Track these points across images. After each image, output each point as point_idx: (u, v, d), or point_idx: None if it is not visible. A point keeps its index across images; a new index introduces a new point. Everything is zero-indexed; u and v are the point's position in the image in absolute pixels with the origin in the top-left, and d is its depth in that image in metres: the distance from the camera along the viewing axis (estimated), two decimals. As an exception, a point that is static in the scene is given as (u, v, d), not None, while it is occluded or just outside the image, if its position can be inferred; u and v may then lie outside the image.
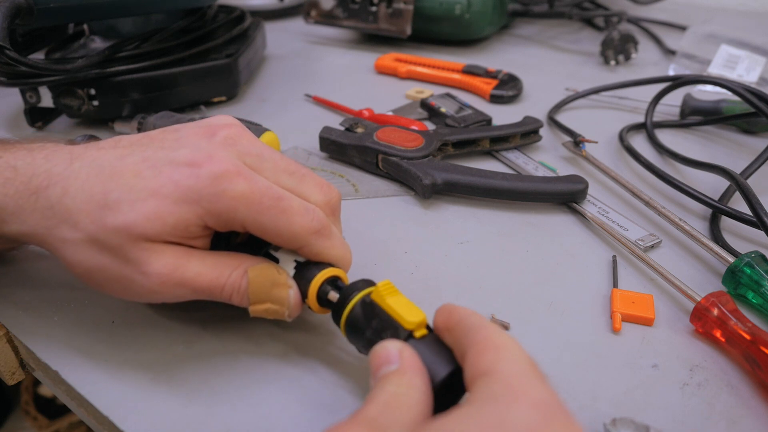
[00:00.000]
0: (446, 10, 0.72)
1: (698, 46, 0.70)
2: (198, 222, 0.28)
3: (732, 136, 0.55)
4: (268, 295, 0.29)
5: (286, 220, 0.28)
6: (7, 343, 0.33)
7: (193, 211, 0.27)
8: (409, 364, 0.24)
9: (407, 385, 0.23)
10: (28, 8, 0.46)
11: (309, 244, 0.29)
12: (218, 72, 0.57)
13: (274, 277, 0.29)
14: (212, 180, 0.27)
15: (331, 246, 0.30)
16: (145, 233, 0.27)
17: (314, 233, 0.29)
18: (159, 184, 0.27)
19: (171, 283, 0.28)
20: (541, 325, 0.34)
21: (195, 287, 0.28)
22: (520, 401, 0.20)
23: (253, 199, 0.28)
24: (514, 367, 0.22)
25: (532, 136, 0.51)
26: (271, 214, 0.28)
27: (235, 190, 0.27)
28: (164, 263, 0.28)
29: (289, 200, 0.28)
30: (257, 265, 0.29)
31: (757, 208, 0.38)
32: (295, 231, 0.28)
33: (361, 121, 0.51)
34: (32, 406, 1.01)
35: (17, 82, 0.49)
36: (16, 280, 0.36)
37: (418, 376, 0.24)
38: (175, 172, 0.28)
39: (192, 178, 0.27)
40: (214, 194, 0.27)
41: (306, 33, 0.84)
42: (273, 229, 0.28)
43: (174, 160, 0.28)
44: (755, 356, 0.30)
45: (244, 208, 0.28)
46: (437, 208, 0.44)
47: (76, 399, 0.30)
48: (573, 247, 0.40)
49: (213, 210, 0.27)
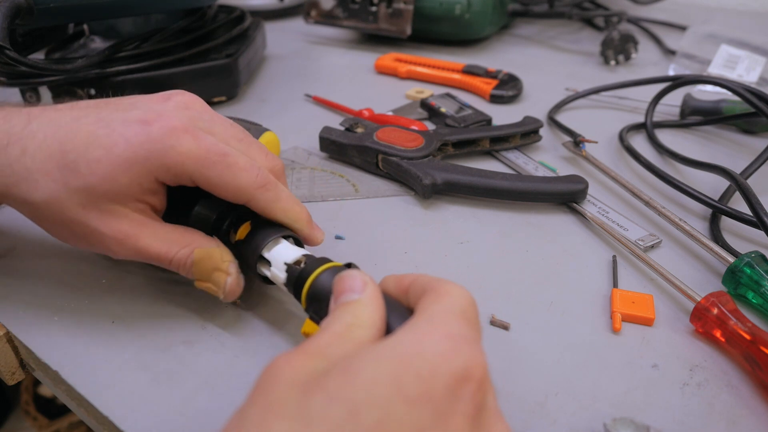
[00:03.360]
0: (446, 10, 0.72)
1: (698, 46, 0.70)
2: (149, 177, 0.30)
3: (732, 136, 0.55)
4: (209, 277, 0.31)
5: (232, 174, 0.30)
6: (7, 343, 0.33)
7: (144, 167, 0.29)
8: (371, 298, 0.25)
9: (364, 317, 0.24)
10: (28, 8, 0.46)
11: (255, 198, 0.31)
12: (218, 72, 0.57)
13: (216, 263, 0.31)
14: (161, 136, 0.29)
15: (277, 198, 0.32)
16: (104, 194, 0.29)
17: (260, 187, 0.31)
18: (112, 142, 0.29)
19: (124, 248, 0.30)
20: (541, 325, 0.34)
21: (145, 256, 0.31)
22: (435, 333, 0.22)
23: (200, 155, 0.29)
24: (445, 308, 0.23)
25: (532, 136, 0.51)
26: (217, 169, 0.30)
27: (182, 146, 0.29)
28: (118, 229, 0.30)
29: (234, 156, 0.30)
30: (204, 248, 0.31)
31: (757, 208, 0.38)
32: (240, 185, 0.30)
33: (361, 121, 0.51)
34: (32, 406, 1.01)
35: (17, 82, 0.49)
36: (16, 280, 0.36)
37: (376, 310, 0.24)
38: (127, 129, 0.29)
39: (142, 135, 0.29)
40: (162, 149, 0.29)
41: (306, 33, 0.84)
42: (220, 183, 0.30)
43: (127, 119, 0.30)
44: (755, 356, 0.30)
45: (192, 163, 0.29)
46: (437, 208, 0.44)
47: (76, 399, 0.30)
48: (573, 247, 0.40)
49: (162, 165, 0.29)
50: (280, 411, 0.20)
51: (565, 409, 0.29)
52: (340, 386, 0.20)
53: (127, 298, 0.35)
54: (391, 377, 0.20)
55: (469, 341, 0.22)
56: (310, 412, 0.19)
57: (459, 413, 0.20)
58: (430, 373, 0.20)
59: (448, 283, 0.25)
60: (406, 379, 0.20)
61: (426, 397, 0.20)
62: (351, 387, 0.20)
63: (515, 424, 0.28)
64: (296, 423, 0.19)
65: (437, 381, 0.20)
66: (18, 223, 0.40)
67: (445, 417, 0.20)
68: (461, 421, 0.20)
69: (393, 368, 0.20)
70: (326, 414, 0.19)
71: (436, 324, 0.23)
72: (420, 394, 0.20)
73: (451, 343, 0.22)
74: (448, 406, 0.20)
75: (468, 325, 0.23)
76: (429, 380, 0.20)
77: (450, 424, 0.20)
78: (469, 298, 0.25)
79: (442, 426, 0.20)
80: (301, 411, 0.19)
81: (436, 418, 0.20)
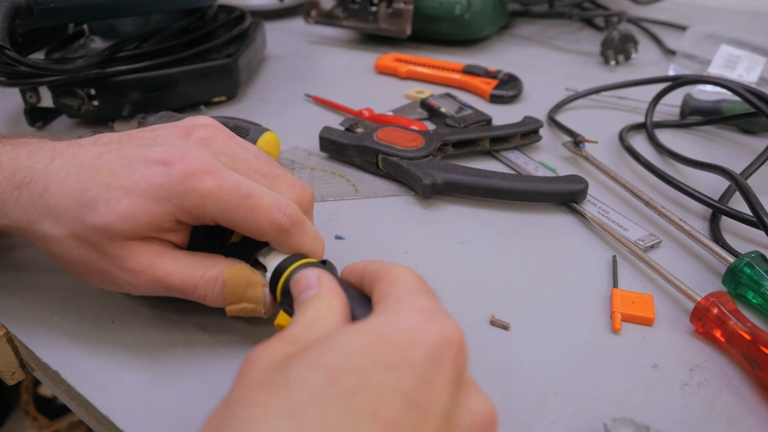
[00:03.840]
0: (446, 10, 0.72)
1: (698, 46, 0.70)
2: (170, 218, 0.29)
3: (732, 136, 0.55)
4: (243, 295, 0.30)
5: (254, 217, 0.29)
6: (7, 343, 0.33)
7: (164, 208, 0.29)
8: (328, 289, 0.26)
9: (325, 308, 0.25)
10: (28, 8, 0.46)
11: (278, 240, 0.30)
12: (218, 72, 0.57)
13: (249, 277, 0.30)
14: (182, 178, 0.28)
15: (300, 243, 0.31)
16: (122, 232, 0.28)
17: (282, 231, 0.30)
18: (133, 182, 0.29)
19: (145, 279, 0.29)
20: (541, 325, 0.34)
21: (167, 285, 0.30)
22: (406, 310, 0.23)
23: (221, 197, 0.29)
24: (405, 288, 0.25)
25: (532, 136, 0.51)
26: (239, 212, 0.29)
27: (203, 188, 0.28)
28: (139, 261, 0.29)
29: (258, 197, 0.29)
30: (232, 267, 0.30)
31: (757, 208, 0.38)
32: (262, 227, 0.30)
33: (361, 121, 0.51)
34: (32, 406, 1.01)
35: (17, 82, 0.49)
36: (16, 280, 0.36)
37: (335, 298, 0.26)
38: (148, 170, 0.29)
39: (163, 176, 0.28)
40: (183, 191, 0.28)
41: (306, 33, 0.84)
42: (242, 225, 0.30)
43: (148, 158, 0.29)
44: (755, 356, 0.30)
45: (212, 205, 0.29)
46: (437, 208, 0.44)
47: (76, 399, 0.30)
48: (573, 247, 0.40)
49: (183, 206, 0.29)
50: (261, 383, 0.20)
51: (565, 409, 0.29)
52: (320, 354, 0.21)
53: (127, 298, 0.35)
54: (369, 349, 0.21)
55: (440, 312, 0.23)
56: (290, 380, 0.20)
57: (442, 376, 0.21)
58: (408, 343, 0.21)
59: (394, 266, 0.26)
60: (383, 350, 0.21)
61: (405, 364, 0.21)
62: (330, 354, 0.21)
63: (515, 423, 0.28)
64: (277, 389, 0.20)
65: (416, 350, 0.21)
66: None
67: (427, 381, 0.21)
68: (444, 385, 0.21)
69: (370, 341, 0.21)
70: (306, 379, 0.20)
71: (405, 303, 0.24)
72: (398, 361, 0.21)
73: (425, 316, 0.23)
74: (430, 370, 0.21)
75: (432, 299, 0.24)
76: (407, 350, 0.21)
77: (433, 389, 0.21)
78: (417, 275, 0.26)
79: (425, 389, 0.20)
80: (282, 379, 0.20)
81: (418, 383, 0.20)
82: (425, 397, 0.20)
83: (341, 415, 0.19)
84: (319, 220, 0.42)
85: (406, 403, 0.20)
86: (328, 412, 0.19)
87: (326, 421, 0.19)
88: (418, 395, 0.20)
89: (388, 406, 0.20)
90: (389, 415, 0.19)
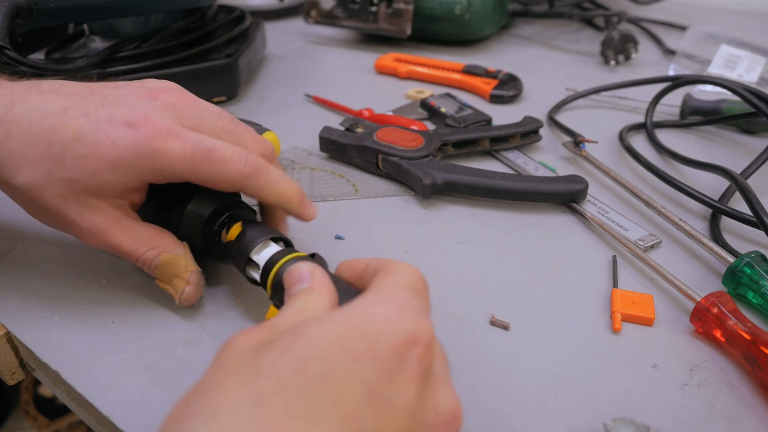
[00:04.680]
0: (446, 10, 0.72)
1: (698, 46, 0.70)
2: (136, 178, 0.31)
3: (732, 136, 0.55)
4: (169, 281, 0.33)
5: (220, 168, 0.31)
6: (7, 343, 0.33)
7: (131, 170, 0.30)
8: (319, 283, 0.27)
9: (314, 302, 0.25)
10: (28, 8, 0.46)
11: (246, 186, 0.32)
12: (218, 72, 0.57)
13: (179, 270, 0.32)
14: (147, 141, 0.30)
15: (268, 183, 0.32)
16: (87, 188, 0.30)
17: (249, 175, 0.31)
18: (98, 142, 0.30)
19: (97, 241, 0.31)
20: (541, 325, 0.34)
21: (117, 251, 0.32)
22: (384, 301, 0.23)
23: (186, 155, 0.30)
24: (394, 281, 0.25)
25: (532, 136, 0.51)
26: (204, 165, 0.30)
27: (168, 149, 0.30)
28: (94, 223, 0.31)
29: (220, 150, 0.31)
30: (171, 254, 0.32)
31: (757, 208, 0.38)
32: (229, 176, 0.31)
33: (361, 121, 0.51)
34: (32, 406, 1.01)
35: (17, 82, 0.49)
36: (16, 280, 0.36)
37: (325, 293, 0.26)
38: (113, 130, 0.30)
39: (129, 138, 0.30)
40: (148, 154, 0.30)
41: (306, 33, 0.84)
42: (209, 177, 0.31)
43: (113, 119, 0.30)
44: (755, 356, 0.30)
45: (179, 164, 0.30)
46: (437, 208, 0.44)
47: (76, 399, 0.30)
48: (573, 247, 0.40)
49: (150, 168, 0.30)
50: (231, 369, 0.21)
51: (565, 409, 0.29)
52: (289, 344, 0.21)
53: (127, 298, 0.35)
54: (338, 337, 0.21)
55: (417, 309, 0.23)
56: (259, 367, 0.20)
57: (405, 373, 0.21)
58: (376, 335, 0.21)
59: (397, 262, 0.27)
60: (352, 338, 0.21)
61: (371, 355, 0.21)
62: (299, 344, 0.21)
63: (515, 423, 0.28)
64: (246, 377, 0.20)
65: (383, 342, 0.21)
66: (18, 222, 0.40)
67: (391, 376, 0.21)
68: (407, 381, 0.21)
69: (340, 329, 0.22)
70: (274, 368, 0.20)
71: (385, 295, 0.24)
72: (364, 352, 0.21)
73: (398, 310, 0.23)
74: (395, 366, 0.21)
75: (416, 296, 0.25)
76: (374, 341, 0.21)
77: (396, 383, 0.21)
78: (417, 273, 0.26)
79: (388, 384, 0.21)
80: (252, 367, 0.21)
81: (382, 376, 0.21)
82: (388, 390, 0.21)
83: (304, 404, 0.19)
84: (319, 220, 0.42)
85: (368, 394, 0.20)
86: (292, 401, 0.19)
87: (289, 410, 0.19)
88: (381, 388, 0.20)
89: (350, 396, 0.20)
90: (351, 405, 0.20)
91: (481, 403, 0.29)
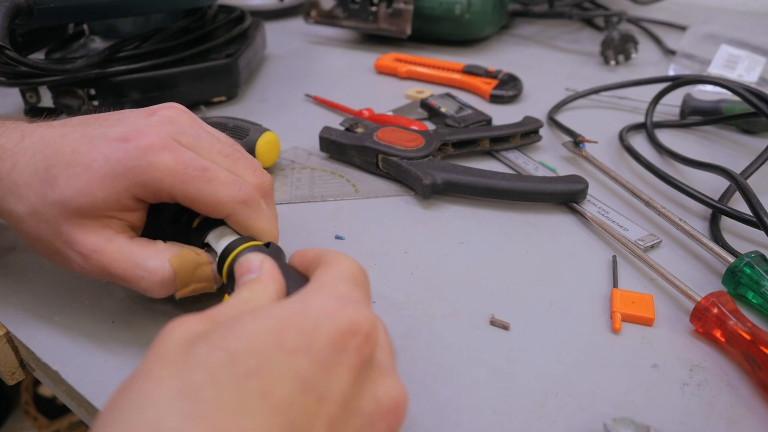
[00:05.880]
0: (446, 10, 0.72)
1: (698, 46, 0.70)
2: (127, 194, 0.29)
3: (732, 136, 0.55)
4: (192, 278, 0.30)
5: (212, 188, 0.30)
6: (7, 343, 0.33)
7: (121, 183, 0.29)
8: (267, 274, 0.27)
9: (260, 292, 0.25)
10: (28, 8, 0.46)
11: (235, 213, 0.31)
12: (218, 72, 0.57)
13: (195, 260, 0.31)
14: (138, 152, 0.29)
15: (257, 218, 0.31)
16: (78, 208, 0.29)
17: (240, 202, 0.30)
18: (91, 159, 0.29)
19: (92, 264, 0.29)
20: (541, 325, 0.34)
21: (112, 273, 0.30)
22: (322, 295, 0.23)
23: (178, 170, 0.29)
24: (334, 274, 0.25)
25: (532, 136, 0.51)
26: (196, 184, 0.29)
27: (160, 162, 0.29)
28: (87, 244, 0.29)
29: (215, 171, 0.30)
30: (176, 254, 0.30)
31: (757, 208, 0.38)
32: (220, 199, 0.30)
33: (361, 121, 0.51)
34: (32, 406, 1.01)
35: (17, 82, 0.49)
36: (16, 280, 0.36)
37: (272, 284, 0.26)
38: (107, 146, 0.29)
39: (120, 152, 0.29)
40: (139, 166, 0.29)
41: (306, 33, 0.84)
42: (199, 198, 0.30)
43: (108, 136, 0.30)
44: (755, 356, 0.30)
45: (170, 180, 0.29)
46: (437, 208, 0.44)
47: (76, 399, 0.30)
48: (573, 247, 0.40)
49: (140, 182, 0.29)
50: (164, 360, 0.21)
51: (565, 409, 0.29)
52: (223, 337, 0.21)
53: (127, 298, 0.35)
54: (272, 330, 0.21)
55: (357, 301, 0.24)
56: (191, 360, 0.20)
57: (343, 364, 0.21)
58: (312, 328, 0.21)
59: (338, 254, 0.27)
60: (287, 333, 0.21)
61: (306, 348, 0.21)
62: (232, 337, 0.21)
63: (515, 423, 0.28)
64: (178, 369, 0.20)
65: (319, 335, 0.21)
66: (18, 223, 0.40)
67: (326, 367, 0.21)
68: (345, 371, 0.21)
69: (275, 323, 0.21)
70: (206, 361, 0.20)
71: (326, 287, 0.24)
72: (299, 346, 0.21)
73: (338, 303, 0.23)
74: (331, 357, 0.21)
75: (356, 288, 0.25)
76: (310, 335, 0.21)
77: (331, 374, 0.21)
78: (357, 265, 0.26)
79: (325, 375, 0.21)
80: (184, 359, 0.20)
81: (316, 368, 0.21)
82: (323, 382, 0.21)
83: (234, 396, 0.19)
84: (319, 220, 0.42)
85: (301, 387, 0.20)
86: (221, 394, 0.19)
87: (218, 403, 0.19)
88: (315, 380, 0.20)
89: (281, 389, 0.20)
90: (281, 397, 0.20)
91: (481, 403, 0.29)
